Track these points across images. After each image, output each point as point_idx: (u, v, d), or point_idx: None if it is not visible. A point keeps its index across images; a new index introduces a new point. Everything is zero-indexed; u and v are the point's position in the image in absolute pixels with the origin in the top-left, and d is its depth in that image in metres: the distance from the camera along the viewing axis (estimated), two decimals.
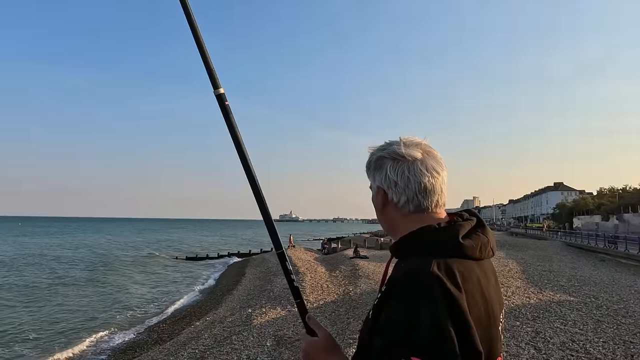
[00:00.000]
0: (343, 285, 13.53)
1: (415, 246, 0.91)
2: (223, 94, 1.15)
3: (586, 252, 25.06)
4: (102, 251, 42.73)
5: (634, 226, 37.78)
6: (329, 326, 8.29)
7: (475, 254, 0.90)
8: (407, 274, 0.85)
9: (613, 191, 57.35)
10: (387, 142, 1.01)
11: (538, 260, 18.83)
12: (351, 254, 23.89)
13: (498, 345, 0.91)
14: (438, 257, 0.85)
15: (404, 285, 0.83)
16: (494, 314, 0.91)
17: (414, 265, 0.85)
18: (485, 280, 0.91)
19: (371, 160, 1.01)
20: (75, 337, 12.23)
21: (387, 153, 0.97)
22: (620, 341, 6.34)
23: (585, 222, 50.74)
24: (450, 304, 0.79)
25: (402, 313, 0.79)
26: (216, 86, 1.15)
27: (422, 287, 0.80)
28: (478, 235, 0.93)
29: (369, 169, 1.02)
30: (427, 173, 0.93)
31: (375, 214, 1.06)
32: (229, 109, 1.15)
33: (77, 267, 28.98)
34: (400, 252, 0.95)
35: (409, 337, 0.76)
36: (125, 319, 14.57)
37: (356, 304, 9.93)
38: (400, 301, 0.81)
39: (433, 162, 0.95)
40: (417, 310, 0.78)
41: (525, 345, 6.04)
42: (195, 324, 12.30)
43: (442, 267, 0.83)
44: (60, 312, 15.52)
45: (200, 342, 8.63)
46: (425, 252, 0.87)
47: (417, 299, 0.79)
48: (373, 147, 1.03)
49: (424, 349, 0.75)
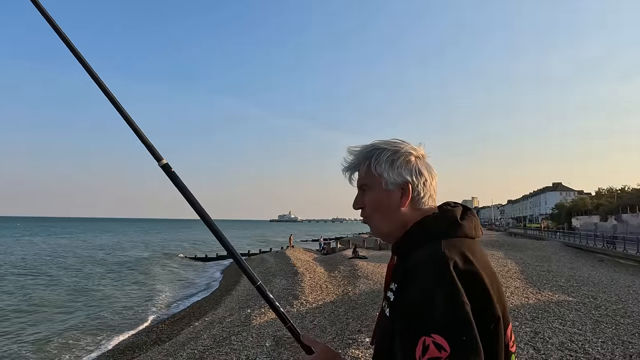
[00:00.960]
0: (342, 285, 13.52)
1: (423, 235, 0.95)
2: (167, 164, 1.18)
3: (585, 252, 25.09)
4: (106, 252, 42.66)
5: (633, 226, 37.86)
6: (328, 326, 8.28)
7: (472, 232, 0.98)
8: (420, 261, 0.89)
9: (611, 191, 57.41)
10: (387, 141, 1.03)
11: (537, 260, 18.84)
12: (350, 254, 23.88)
13: (507, 312, 0.95)
14: (444, 239, 0.92)
15: (418, 272, 0.87)
16: (499, 283, 0.97)
17: (426, 252, 0.90)
18: (485, 254, 0.99)
19: (392, 155, 1.00)
20: (74, 338, 12.22)
21: (410, 149, 1.02)
22: (619, 341, 6.34)
23: (584, 223, 50.82)
24: (466, 279, 0.85)
25: (419, 296, 0.83)
26: (159, 159, 1.18)
27: (436, 269, 0.85)
28: (470, 217, 1.01)
29: (383, 165, 1.00)
30: (433, 171, 1.04)
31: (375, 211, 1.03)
32: (175, 175, 1.18)
33: (77, 269, 28.93)
34: (407, 245, 0.97)
35: (429, 316, 0.80)
36: (124, 320, 14.56)
37: (355, 304, 9.93)
38: (416, 286, 0.85)
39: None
40: (432, 291, 0.82)
41: (524, 345, 6.04)
42: (194, 324, 12.29)
43: (451, 248, 0.89)
44: (57, 313, 15.49)
45: (199, 343, 8.61)
46: (432, 238, 0.93)
47: (431, 281, 0.83)
48: (373, 142, 1.04)
49: (443, 325, 0.78)
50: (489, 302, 0.87)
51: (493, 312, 0.87)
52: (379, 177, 1.00)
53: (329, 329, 8.11)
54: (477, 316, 0.82)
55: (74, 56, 1.22)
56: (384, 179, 0.99)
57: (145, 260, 34.84)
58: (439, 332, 0.77)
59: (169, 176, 1.18)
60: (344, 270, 17.05)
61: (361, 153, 1.03)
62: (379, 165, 1.00)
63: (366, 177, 1.02)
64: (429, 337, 0.77)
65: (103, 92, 1.23)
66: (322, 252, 31.52)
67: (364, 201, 1.04)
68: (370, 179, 1.01)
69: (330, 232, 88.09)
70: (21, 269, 27.80)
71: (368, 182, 1.02)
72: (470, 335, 0.79)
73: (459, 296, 0.81)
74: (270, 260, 25.34)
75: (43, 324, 13.85)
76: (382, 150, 1.01)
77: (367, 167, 1.02)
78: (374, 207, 1.02)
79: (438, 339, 0.77)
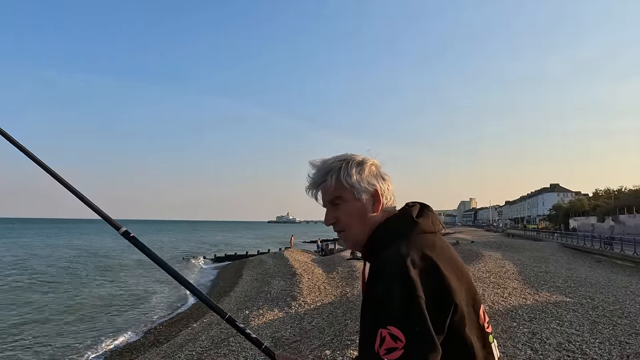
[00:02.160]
0: (340, 286, 13.53)
1: (384, 238, 1.01)
2: (126, 231, 1.28)
3: (582, 253, 25.16)
4: (98, 253, 42.54)
5: (630, 227, 37.98)
6: (327, 328, 8.29)
7: (431, 227, 1.04)
8: (381, 262, 0.95)
9: (609, 192, 57.62)
10: (344, 155, 1.09)
11: (534, 261, 18.88)
12: (348, 255, 23.88)
13: (477, 296, 1.02)
14: (403, 238, 0.98)
15: (379, 271, 0.93)
16: (464, 269, 1.03)
17: (386, 252, 0.96)
18: (446, 245, 1.05)
19: (358, 165, 1.05)
20: (70, 340, 12.17)
21: (366, 160, 1.08)
22: (617, 342, 6.37)
23: (581, 223, 50.96)
24: (424, 273, 0.90)
25: (380, 291, 0.89)
26: (118, 228, 1.28)
27: (394, 267, 0.91)
28: (427, 213, 1.07)
29: (352, 175, 1.04)
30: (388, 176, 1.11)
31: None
32: (136, 240, 1.29)
33: (74, 268, 28.84)
34: (372, 249, 1.04)
35: (385, 310, 0.86)
36: (121, 321, 14.51)
37: (353, 306, 9.93)
38: (378, 283, 0.91)
39: None
40: (390, 287, 0.88)
41: (522, 346, 6.05)
42: (192, 325, 12.27)
43: (410, 245, 0.95)
44: (54, 314, 15.43)
45: (197, 344, 8.61)
46: (393, 239, 0.99)
47: (389, 278, 0.89)
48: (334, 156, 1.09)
49: (398, 317, 0.84)
50: (448, 292, 0.91)
51: (451, 300, 0.91)
52: (350, 188, 1.04)
53: (327, 330, 8.11)
54: (437, 306, 0.89)
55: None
56: (356, 189, 1.04)
57: (143, 262, 34.75)
58: (394, 324, 0.83)
59: (131, 241, 1.29)
60: (342, 271, 17.05)
61: (326, 169, 1.06)
62: (348, 176, 1.03)
63: (336, 190, 1.05)
64: (385, 329, 0.83)
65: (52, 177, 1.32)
66: (321, 253, 31.51)
67: (336, 215, 1.07)
68: (342, 191, 1.04)
69: (329, 234, 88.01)
70: (18, 269, 27.70)
71: (340, 194, 1.05)
72: (423, 326, 0.84)
73: (414, 290, 0.86)
74: (268, 262, 25.31)
75: (38, 326, 13.79)
76: (348, 162, 1.05)
77: (336, 180, 1.04)
78: (351, 218, 1.05)
79: (393, 330, 0.83)
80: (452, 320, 0.91)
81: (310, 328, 8.51)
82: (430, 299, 0.87)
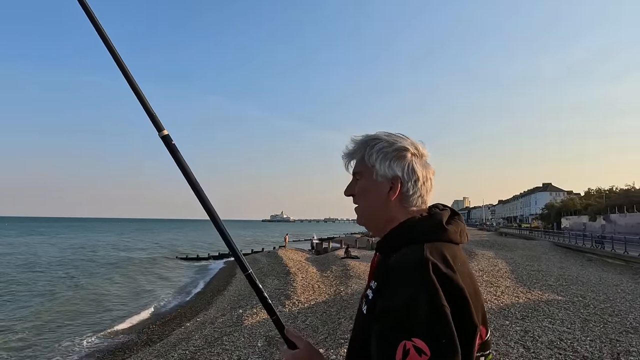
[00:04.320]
0: (334, 285, 13.54)
1: (406, 236, 0.94)
2: (168, 135, 1.15)
3: (574, 252, 25.39)
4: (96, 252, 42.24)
5: (620, 226, 38.41)
6: (320, 326, 8.29)
7: (457, 238, 0.97)
8: (402, 263, 0.88)
9: (600, 192, 58.15)
10: (389, 133, 1.04)
11: (527, 260, 19.03)
12: (342, 254, 23.91)
13: (486, 317, 0.97)
14: (428, 242, 0.91)
15: (398, 274, 0.87)
16: (478, 289, 0.97)
17: (407, 253, 0.89)
18: (466, 260, 0.98)
19: (386, 148, 1.00)
20: (63, 339, 12.08)
21: (408, 145, 1.01)
22: (607, 339, 6.44)
23: (573, 222, 51.42)
24: (447, 285, 0.83)
25: (399, 299, 0.82)
26: (160, 129, 1.15)
27: (418, 273, 0.84)
28: (457, 221, 1.00)
29: (376, 156, 1.00)
30: (431, 172, 1.04)
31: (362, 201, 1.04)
32: (175, 149, 1.15)
33: (68, 270, 28.61)
34: (390, 244, 0.97)
35: (409, 320, 0.79)
36: (114, 320, 14.42)
37: (347, 304, 9.94)
38: (396, 289, 0.84)
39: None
40: (413, 295, 0.81)
41: (514, 344, 6.10)
42: (185, 324, 12.23)
43: (433, 252, 0.88)
44: (49, 315, 15.29)
45: (190, 343, 8.57)
46: (416, 240, 0.92)
47: (414, 285, 0.83)
48: (376, 132, 1.05)
49: (423, 329, 0.78)
50: (468, 311, 0.85)
51: (472, 321, 0.86)
52: (371, 167, 1.01)
53: (321, 328, 8.12)
54: (458, 324, 0.82)
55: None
56: (375, 170, 1.00)
57: (136, 260, 34.57)
58: (419, 336, 0.77)
59: (169, 149, 1.15)
60: (336, 270, 17.07)
61: (359, 142, 1.04)
62: (371, 155, 1.01)
63: (359, 165, 1.04)
64: (409, 341, 0.77)
65: (108, 50, 1.16)
66: (313, 250, 31.56)
67: (354, 189, 1.05)
68: (363, 168, 1.03)
69: (324, 232, 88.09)
70: (12, 268, 27.42)
71: (361, 170, 1.03)
72: (450, 338, 0.79)
73: (439, 300, 0.80)
74: (262, 260, 25.28)
75: (30, 325, 13.66)
76: (378, 142, 1.01)
77: (361, 156, 1.03)
78: (362, 196, 1.04)
79: (418, 343, 0.77)
80: (468, 341, 0.85)
81: (304, 327, 8.51)
82: (452, 312, 0.81)
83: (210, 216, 1.16)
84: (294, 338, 1.12)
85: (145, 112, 1.16)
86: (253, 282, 1.17)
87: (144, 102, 1.15)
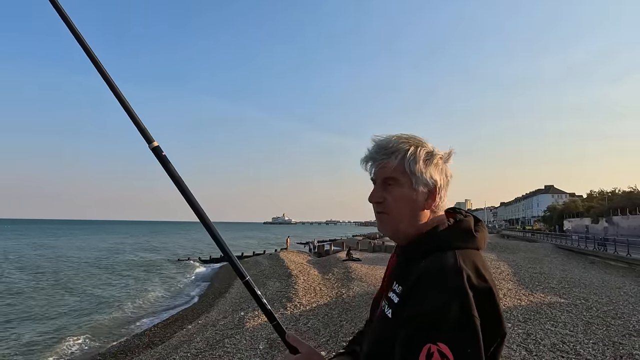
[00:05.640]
0: (336, 287, 13.51)
1: (437, 243, 0.94)
2: (158, 147, 1.14)
3: (576, 254, 25.29)
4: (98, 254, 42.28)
5: (623, 228, 38.28)
6: (322, 329, 8.28)
7: (482, 245, 0.98)
8: (434, 269, 0.88)
9: (602, 194, 57.97)
10: (413, 137, 1.01)
11: (529, 262, 18.96)
12: (344, 256, 23.88)
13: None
14: (459, 250, 0.91)
15: (433, 279, 0.87)
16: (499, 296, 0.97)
17: (440, 260, 0.90)
18: (489, 266, 0.98)
19: (426, 154, 0.98)
20: (65, 341, 12.07)
21: (436, 151, 1.00)
22: (610, 342, 6.40)
23: (576, 225, 51.28)
24: (479, 294, 0.85)
25: (432, 304, 0.83)
26: (150, 141, 1.14)
27: (451, 280, 0.85)
28: (482, 228, 1.01)
29: (418, 163, 0.96)
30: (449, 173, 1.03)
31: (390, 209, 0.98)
32: (166, 160, 1.14)
33: (71, 271, 28.64)
34: (420, 249, 0.95)
35: (438, 325, 0.80)
36: (116, 323, 14.42)
37: (349, 307, 9.92)
38: (428, 294, 0.85)
39: None
40: (447, 302, 0.82)
41: (517, 347, 6.07)
42: (187, 327, 12.21)
43: (466, 260, 0.89)
44: (50, 317, 15.31)
45: (192, 346, 8.57)
46: (447, 247, 0.92)
47: (447, 292, 0.83)
48: (402, 135, 1.00)
49: (451, 335, 0.79)
50: (498, 319, 0.87)
51: (501, 330, 0.88)
52: (410, 175, 0.96)
53: (322, 331, 8.11)
54: (488, 333, 0.83)
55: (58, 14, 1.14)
56: (415, 178, 0.96)
57: (138, 263, 34.59)
58: (445, 342, 0.78)
59: (159, 160, 1.13)
60: (337, 272, 17.05)
61: (394, 146, 0.98)
62: (413, 162, 0.96)
63: (396, 172, 0.97)
64: (434, 345, 0.78)
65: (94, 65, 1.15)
66: (314, 251, 31.58)
67: (383, 195, 0.99)
68: (400, 175, 0.97)
69: (324, 235, 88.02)
70: (11, 268, 27.47)
71: (396, 177, 0.97)
72: (476, 348, 0.80)
73: (470, 309, 0.81)
74: (264, 263, 25.24)
75: (32, 327, 13.67)
76: (418, 148, 0.97)
77: (399, 162, 0.96)
78: (399, 205, 0.97)
79: (443, 348, 0.78)
80: (495, 350, 0.88)
81: (305, 329, 8.49)
82: (483, 323, 0.82)
83: (203, 224, 1.16)
84: (295, 342, 1.12)
85: (134, 124, 1.15)
86: (251, 289, 1.15)
87: (133, 115, 1.14)
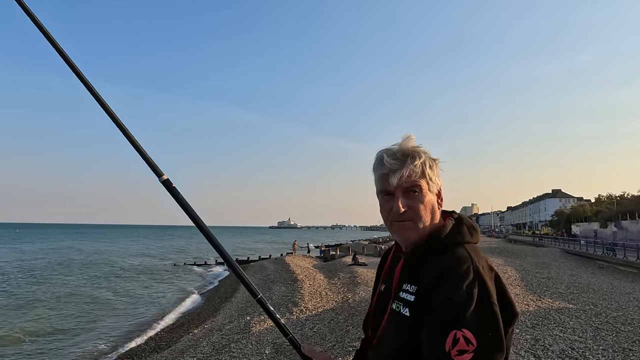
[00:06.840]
0: (342, 292, 13.48)
1: (447, 241, 1.02)
2: (168, 180, 1.21)
3: (585, 259, 25.05)
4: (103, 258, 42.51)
5: (632, 233, 37.80)
6: (328, 334, 8.25)
7: (480, 239, 1.08)
8: (452, 264, 0.96)
9: (611, 198, 57.42)
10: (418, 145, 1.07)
11: (536, 267, 18.81)
12: (350, 261, 23.83)
13: None
14: (467, 245, 1.01)
15: (453, 274, 0.94)
16: None
17: (454, 256, 0.97)
18: None
19: (428, 161, 1.05)
20: (72, 346, 12.13)
21: (434, 157, 1.09)
22: (620, 349, 6.33)
23: (584, 229, 50.76)
24: (495, 282, 0.95)
25: (456, 295, 0.90)
26: (159, 175, 1.21)
27: (472, 272, 0.93)
28: (476, 223, 1.12)
29: (430, 168, 1.05)
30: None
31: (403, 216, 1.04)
32: (176, 191, 1.21)
33: (80, 276, 28.80)
34: (436, 246, 1.02)
35: (463, 313, 0.88)
36: (122, 327, 14.47)
37: (355, 312, 9.89)
38: (451, 286, 0.92)
39: None
40: (470, 292, 0.90)
41: (525, 353, 6.02)
42: (193, 331, 12.24)
43: (473, 252, 0.98)
44: (57, 322, 15.39)
45: (198, 350, 8.58)
46: (457, 243, 1.01)
47: (469, 282, 0.92)
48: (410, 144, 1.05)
49: (474, 322, 0.87)
50: (509, 302, 0.96)
51: (513, 311, 0.96)
52: (428, 180, 1.05)
53: (328, 336, 8.09)
54: (504, 318, 0.92)
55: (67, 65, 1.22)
56: (432, 183, 1.05)
57: (144, 267, 34.72)
58: (469, 328, 0.86)
59: (170, 192, 1.20)
60: (343, 277, 17.00)
61: (415, 154, 1.04)
62: (430, 169, 1.05)
63: (421, 179, 1.03)
64: (460, 332, 0.86)
65: (99, 104, 1.22)
66: (321, 255, 31.51)
67: (410, 204, 1.03)
68: (423, 181, 1.04)
69: (330, 239, 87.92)
70: (21, 272, 27.67)
71: (421, 183, 1.03)
72: (497, 333, 0.88)
73: (490, 297, 0.91)
74: (269, 267, 25.25)
75: (39, 331, 13.76)
76: (426, 155, 1.06)
77: (421, 170, 1.03)
78: (425, 210, 1.03)
79: (467, 334, 0.86)
80: (509, 330, 0.97)
81: (311, 334, 8.48)
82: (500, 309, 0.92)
83: (216, 249, 1.23)
84: (311, 354, 1.21)
85: (144, 161, 1.22)
86: (265, 306, 1.24)
87: (142, 152, 1.22)
